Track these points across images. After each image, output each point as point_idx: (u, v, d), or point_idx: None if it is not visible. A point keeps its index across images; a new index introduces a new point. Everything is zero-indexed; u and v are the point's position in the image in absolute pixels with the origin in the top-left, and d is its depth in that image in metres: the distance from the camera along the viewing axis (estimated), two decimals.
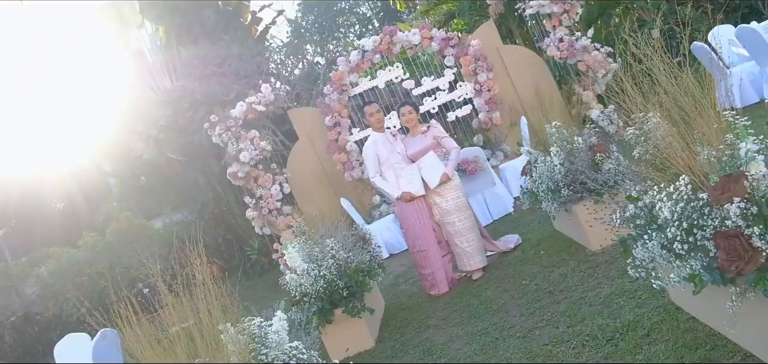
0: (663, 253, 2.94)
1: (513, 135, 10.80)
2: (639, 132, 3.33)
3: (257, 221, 10.32)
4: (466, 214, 6.17)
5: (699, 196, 2.71)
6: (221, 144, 10.71)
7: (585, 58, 10.13)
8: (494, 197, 8.81)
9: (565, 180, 5.35)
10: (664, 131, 3.26)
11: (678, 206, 2.71)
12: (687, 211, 2.72)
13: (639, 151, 3.32)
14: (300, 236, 5.70)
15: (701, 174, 2.85)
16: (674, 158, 3.00)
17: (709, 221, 2.63)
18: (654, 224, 3.09)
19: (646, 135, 3.35)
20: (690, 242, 2.70)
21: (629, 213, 3.18)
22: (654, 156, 3.25)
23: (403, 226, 6.28)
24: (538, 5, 10.13)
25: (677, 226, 2.73)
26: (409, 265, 7.77)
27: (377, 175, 6.18)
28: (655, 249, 2.99)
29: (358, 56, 10.71)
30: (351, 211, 9.37)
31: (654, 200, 2.92)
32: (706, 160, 2.81)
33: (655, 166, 3.19)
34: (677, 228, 2.73)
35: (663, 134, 3.25)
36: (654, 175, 3.13)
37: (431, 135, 6.19)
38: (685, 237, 2.71)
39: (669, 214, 2.72)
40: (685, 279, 2.72)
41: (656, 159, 3.23)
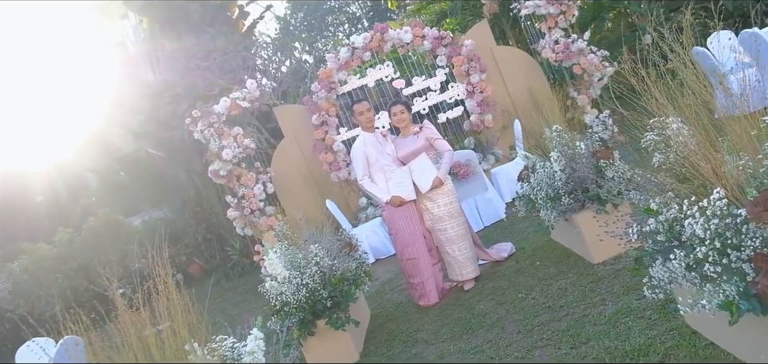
0: (688, 274, 2.61)
1: (505, 138, 10.49)
2: (659, 137, 3.00)
3: (239, 222, 9.92)
4: (459, 220, 5.83)
5: (734, 212, 2.38)
6: (203, 141, 10.30)
7: (581, 61, 9.84)
8: (486, 202, 8.47)
9: (566, 187, 5.02)
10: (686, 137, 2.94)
11: (711, 223, 2.37)
12: (720, 228, 2.38)
13: (659, 159, 2.99)
14: (282, 240, 5.33)
15: (735, 186, 2.52)
16: (702, 168, 2.67)
17: (748, 240, 2.29)
18: (676, 240, 2.76)
19: (666, 141, 3.02)
20: (724, 264, 2.36)
21: (649, 227, 2.84)
22: (676, 165, 2.91)
23: (391, 232, 5.92)
24: (533, 6, 9.82)
25: (708, 245, 2.40)
26: (397, 271, 7.43)
27: (366, 177, 5.82)
28: (678, 269, 2.66)
29: (347, 53, 10.34)
30: (337, 214, 9.01)
31: (680, 215, 2.58)
32: (742, 171, 2.48)
33: (679, 176, 2.85)
34: (709, 248, 2.39)
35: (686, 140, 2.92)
36: (676, 186, 2.80)
37: (424, 136, 5.84)
38: (718, 258, 2.38)
39: (701, 231, 2.38)
40: (719, 307, 2.38)
41: (679, 167, 2.90)
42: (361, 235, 8.73)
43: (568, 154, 5.04)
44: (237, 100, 10.31)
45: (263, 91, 10.94)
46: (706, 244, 2.40)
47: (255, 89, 10.46)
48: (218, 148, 9.96)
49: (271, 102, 10.89)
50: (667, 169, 2.94)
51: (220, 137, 10.07)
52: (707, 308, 2.43)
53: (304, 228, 5.68)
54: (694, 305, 2.53)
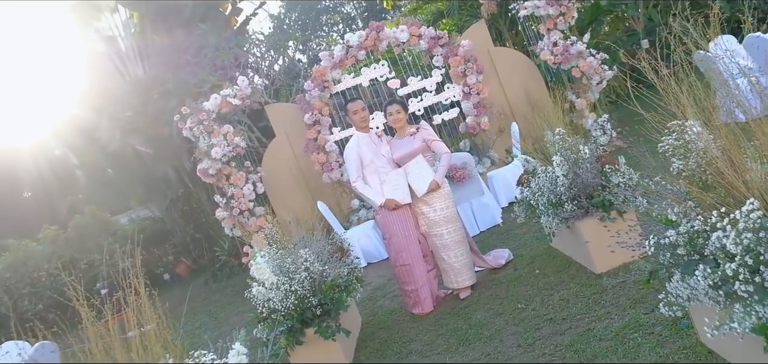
0: (712, 292, 2.38)
1: (501, 141, 10.27)
2: (679, 142, 2.77)
3: (227, 222, 9.64)
4: (456, 226, 5.59)
5: None
6: (192, 138, 10.02)
7: (580, 64, 9.63)
8: (482, 206, 8.23)
9: (569, 193, 4.79)
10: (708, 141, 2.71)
11: (743, 237, 2.14)
12: (752, 243, 2.15)
13: (679, 165, 2.76)
14: (271, 243, 5.08)
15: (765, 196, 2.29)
16: (727, 175, 2.44)
17: None
18: (697, 254, 2.53)
19: (686, 146, 2.79)
20: (756, 283, 2.13)
21: (668, 239, 2.61)
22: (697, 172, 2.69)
23: (385, 236, 5.66)
24: (533, 6, 9.60)
25: (739, 261, 2.17)
26: (389, 276, 7.19)
27: (359, 179, 5.57)
28: (701, 286, 2.42)
29: (341, 52, 10.09)
30: (328, 216, 8.75)
31: (705, 227, 2.35)
32: None
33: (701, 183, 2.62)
34: (739, 264, 2.16)
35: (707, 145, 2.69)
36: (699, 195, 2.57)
37: (420, 137, 5.59)
38: (750, 276, 2.15)
39: (733, 246, 2.15)
40: (753, 330, 2.15)
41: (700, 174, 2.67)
42: (353, 238, 8.48)
43: (572, 159, 4.81)
44: (227, 98, 10.05)
45: (255, 89, 10.68)
46: (737, 260, 2.17)
47: (246, 87, 10.21)
48: (207, 146, 9.70)
49: (263, 100, 10.61)
50: (687, 177, 2.71)
51: (209, 135, 9.80)
52: (738, 331, 2.20)
53: (295, 231, 5.43)
54: (721, 326, 2.30)
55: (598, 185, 4.68)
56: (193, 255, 13.04)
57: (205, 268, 12.72)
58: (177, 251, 13.42)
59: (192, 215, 13.10)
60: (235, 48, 13.72)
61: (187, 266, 13.41)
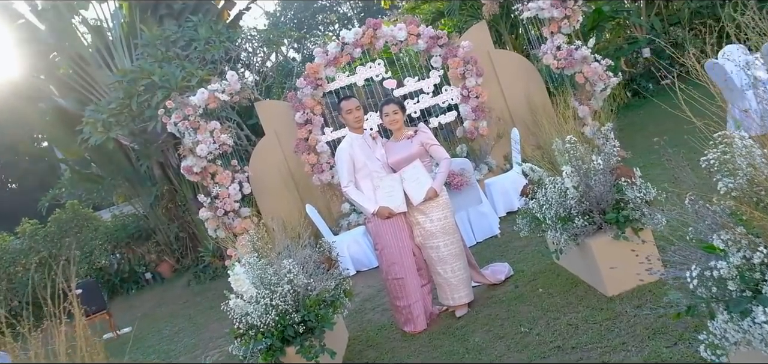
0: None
1: (500, 147, 9.87)
2: (726, 155, 2.35)
3: (211, 223, 9.18)
4: (454, 238, 5.16)
5: None
6: (177, 134, 9.57)
7: (584, 70, 9.23)
8: (479, 216, 7.82)
9: (580, 207, 4.38)
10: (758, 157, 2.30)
11: None
12: None
13: (726, 184, 2.35)
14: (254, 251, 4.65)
15: None
16: None
17: None
18: (752, 290, 2.12)
19: (732, 161, 2.38)
20: None
21: (718, 272, 2.19)
22: (749, 192, 2.27)
23: (377, 246, 5.23)
24: (537, 8, 9.19)
25: None
26: (379, 286, 6.77)
27: (351, 184, 5.13)
28: (760, 331, 2.01)
29: (336, 49, 9.65)
30: (317, 220, 8.31)
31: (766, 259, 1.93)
32: None
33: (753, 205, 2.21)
34: None
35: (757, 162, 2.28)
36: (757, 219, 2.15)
37: (418, 141, 5.16)
38: None
39: None
40: None
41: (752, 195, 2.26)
42: (342, 244, 8.06)
43: (583, 170, 4.40)
44: (215, 93, 9.59)
45: (245, 85, 10.21)
46: None
47: (235, 82, 9.75)
48: (193, 143, 9.24)
49: (253, 96, 10.15)
50: (736, 198, 2.30)
51: (195, 131, 9.35)
52: None
53: (279, 237, 4.99)
54: None
55: (612, 200, 4.27)
56: (177, 255, 12.58)
57: (188, 268, 12.27)
58: (160, 250, 12.96)
59: (176, 213, 12.62)
60: (227, 42, 13.27)
61: (169, 266, 12.94)
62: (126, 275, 12.95)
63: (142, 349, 7.97)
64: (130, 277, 12.93)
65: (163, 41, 12.21)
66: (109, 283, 12.88)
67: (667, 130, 4.65)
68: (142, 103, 10.75)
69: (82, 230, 13.21)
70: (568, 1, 9.02)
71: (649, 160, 8.19)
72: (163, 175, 13.18)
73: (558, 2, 9.03)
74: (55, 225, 13.21)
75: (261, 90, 13.62)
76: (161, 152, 12.81)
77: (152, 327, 9.11)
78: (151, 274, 12.95)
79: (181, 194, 12.40)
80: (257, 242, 4.93)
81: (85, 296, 8.93)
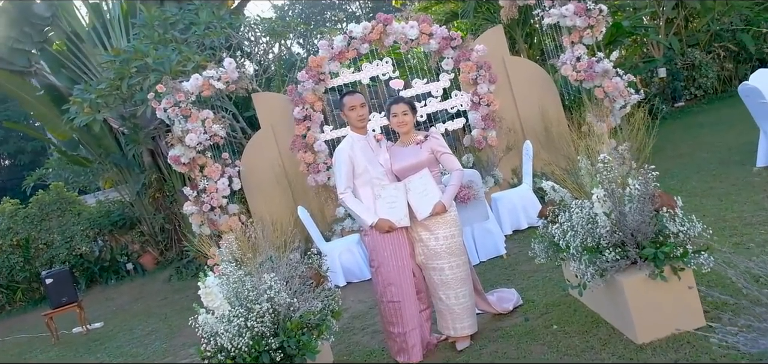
0: None
1: (508, 160, 9.28)
2: None
3: (195, 218, 8.56)
4: (460, 260, 4.54)
5: None
6: (166, 120, 8.97)
7: (605, 84, 8.64)
8: (484, 233, 7.18)
9: (611, 238, 3.77)
10: None
11: None
12: None
13: None
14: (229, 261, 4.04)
15: None
16: None
17: None
18: None
19: None
20: None
21: None
22: None
23: (372, 263, 4.61)
24: (559, 14, 8.60)
25: None
26: (371, 303, 6.18)
27: (348, 190, 4.52)
28: None
29: (343, 43, 9.05)
30: (308, 224, 7.69)
31: None
32: None
33: None
34: None
35: None
36: None
37: (428, 147, 4.55)
38: None
39: None
40: None
41: None
42: (334, 252, 7.46)
43: (618, 195, 3.79)
44: (210, 80, 8.98)
45: (243, 74, 9.59)
46: None
47: (233, 70, 9.12)
48: (182, 131, 8.64)
49: (250, 87, 9.53)
50: None
51: (186, 119, 8.74)
52: None
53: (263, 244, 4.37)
54: None
55: (651, 233, 3.66)
56: (161, 246, 11.96)
57: (172, 262, 11.66)
58: (144, 240, 12.35)
59: (164, 204, 12.01)
60: (228, 28, 12.68)
61: (152, 258, 12.33)
62: (107, 264, 12.33)
63: (109, 349, 7.37)
64: (111, 266, 12.33)
65: (162, 23, 11.62)
66: (88, 271, 12.28)
67: (684, 154, 4.12)
68: (134, 85, 10.16)
69: (64, 214, 12.61)
70: (593, 10, 8.42)
71: (669, 185, 7.61)
72: (152, 163, 12.59)
73: (582, 10, 8.44)
74: (37, 207, 12.61)
75: (261, 82, 13.03)
76: (152, 139, 12.23)
77: (125, 325, 8.51)
78: (132, 264, 12.35)
79: (170, 184, 11.80)
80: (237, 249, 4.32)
81: (55, 287, 8.34)
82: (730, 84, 15.21)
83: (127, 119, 11.60)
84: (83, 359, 7.25)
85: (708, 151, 9.10)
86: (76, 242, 12.31)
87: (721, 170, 7.85)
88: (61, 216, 12.57)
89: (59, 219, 12.51)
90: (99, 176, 13.49)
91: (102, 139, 12.79)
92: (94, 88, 10.28)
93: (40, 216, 12.49)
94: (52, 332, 8.32)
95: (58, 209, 12.67)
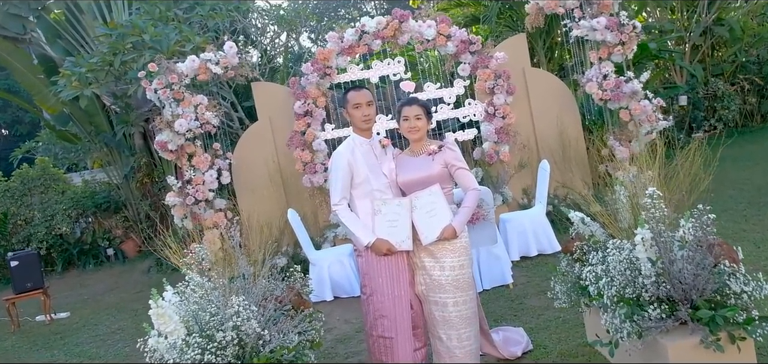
0: None
1: (519, 179, 8.62)
2: None
3: (178, 210, 7.89)
4: (467, 296, 3.84)
5: None
6: (157, 102, 8.32)
7: (632, 106, 7.97)
8: (491, 259, 6.44)
9: (656, 291, 3.10)
10: None
11: None
12: None
13: None
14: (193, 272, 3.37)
15: None
16: None
17: None
18: None
19: None
20: None
21: None
22: None
23: (364, 289, 3.92)
24: (589, 27, 7.92)
25: None
26: (359, 324, 5.54)
27: (344, 201, 3.84)
28: None
29: (354, 36, 8.38)
30: (298, 229, 6.99)
31: None
32: None
33: None
34: None
35: None
36: None
37: (442, 160, 3.86)
38: None
39: None
40: None
41: None
42: (323, 262, 6.80)
43: (667, 240, 3.12)
44: (208, 63, 8.32)
45: (244, 61, 8.92)
46: None
47: (234, 55, 8.44)
48: (172, 116, 7.98)
49: (250, 75, 8.84)
50: None
51: (178, 103, 8.09)
52: None
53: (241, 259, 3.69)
54: None
55: (709, 290, 2.99)
56: (144, 234, 11.29)
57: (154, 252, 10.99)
58: (128, 226, 11.68)
59: (151, 190, 11.36)
60: (234, 12, 12.04)
61: (134, 245, 11.68)
62: (87, 247, 11.67)
63: (68, 345, 6.73)
64: (91, 250, 11.66)
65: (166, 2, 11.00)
66: (66, 252, 11.63)
67: (707, 190, 3.62)
68: (128, 62, 9.50)
69: (48, 191, 11.95)
70: (627, 25, 7.75)
71: None
72: (144, 147, 11.94)
73: (615, 25, 7.77)
74: (19, 181, 11.95)
75: (264, 72, 12.38)
76: (145, 121, 11.58)
77: (92, 318, 7.86)
78: (113, 250, 11.69)
79: (160, 170, 11.14)
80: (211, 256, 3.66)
81: (20, 270, 7.69)
82: (752, 119, 14.58)
83: (118, 98, 10.95)
84: (38, 354, 6.61)
85: (734, 189, 8.44)
86: (57, 221, 11.65)
87: (752, 212, 7.18)
88: (43, 193, 11.92)
89: (42, 195, 11.86)
90: (87, 154, 12.85)
91: (94, 116, 12.14)
92: (85, 61, 9.63)
93: (21, 191, 11.83)
94: (13, 318, 7.66)
95: (42, 185, 12.01)
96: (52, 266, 11.65)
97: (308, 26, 20.32)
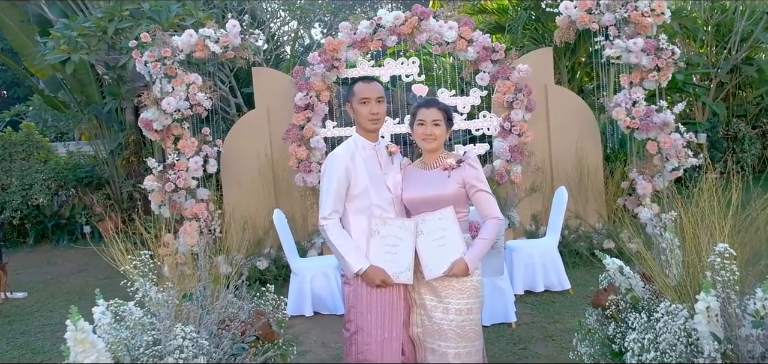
0: None
1: (529, 203, 7.93)
2: None
3: (156, 196, 7.19)
4: (472, 347, 3.13)
5: None
6: (147, 77, 7.66)
7: (660, 139, 7.30)
8: (495, 292, 5.70)
9: None
10: None
11: None
12: None
13: None
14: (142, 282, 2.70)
15: None
16: None
17: None
18: None
19: None
20: None
21: None
22: None
23: (348, 325, 3.20)
24: (623, 48, 7.24)
25: None
26: (337, 347, 4.89)
27: (335, 215, 3.15)
28: None
29: (368, 29, 7.72)
30: (283, 232, 6.26)
31: None
32: None
33: None
34: None
35: None
36: None
37: (459, 178, 3.16)
38: None
39: None
40: None
41: None
42: (306, 272, 6.11)
43: (738, 314, 2.44)
44: (207, 40, 7.65)
45: (246, 42, 8.23)
46: None
47: (236, 34, 7.76)
48: (161, 93, 7.31)
49: (252, 59, 8.16)
50: None
51: (169, 79, 7.42)
52: None
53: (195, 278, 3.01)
54: None
55: None
56: (124, 216, 10.63)
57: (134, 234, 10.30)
58: (108, 205, 11.00)
59: (136, 170, 10.70)
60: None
61: (113, 225, 11.00)
62: (63, 221, 11.03)
63: (13, 333, 6.08)
64: (67, 225, 11.02)
65: None
66: (40, 225, 10.99)
67: None
68: (123, 31, 8.84)
69: (29, 158, 11.30)
70: (665, 49, 7.08)
71: None
72: (135, 123, 11.27)
73: (652, 48, 7.09)
74: (0, 144, 11.29)
75: (269, 58, 11.72)
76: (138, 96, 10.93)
77: (49, 302, 7.21)
78: (90, 228, 11.02)
79: (149, 150, 10.47)
80: None
81: None
82: None
83: (111, 68, 10.30)
84: None
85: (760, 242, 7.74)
86: (35, 191, 10.99)
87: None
88: (25, 160, 11.27)
89: (23, 162, 11.21)
90: (76, 124, 12.19)
91: (86, 85, 11.48)
92: (78, 24, 8.97)
93: (2, 155, 11.19)
94: None
95: (24, 151, 11.36)
96: (24, 237, 11.01)
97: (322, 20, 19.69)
